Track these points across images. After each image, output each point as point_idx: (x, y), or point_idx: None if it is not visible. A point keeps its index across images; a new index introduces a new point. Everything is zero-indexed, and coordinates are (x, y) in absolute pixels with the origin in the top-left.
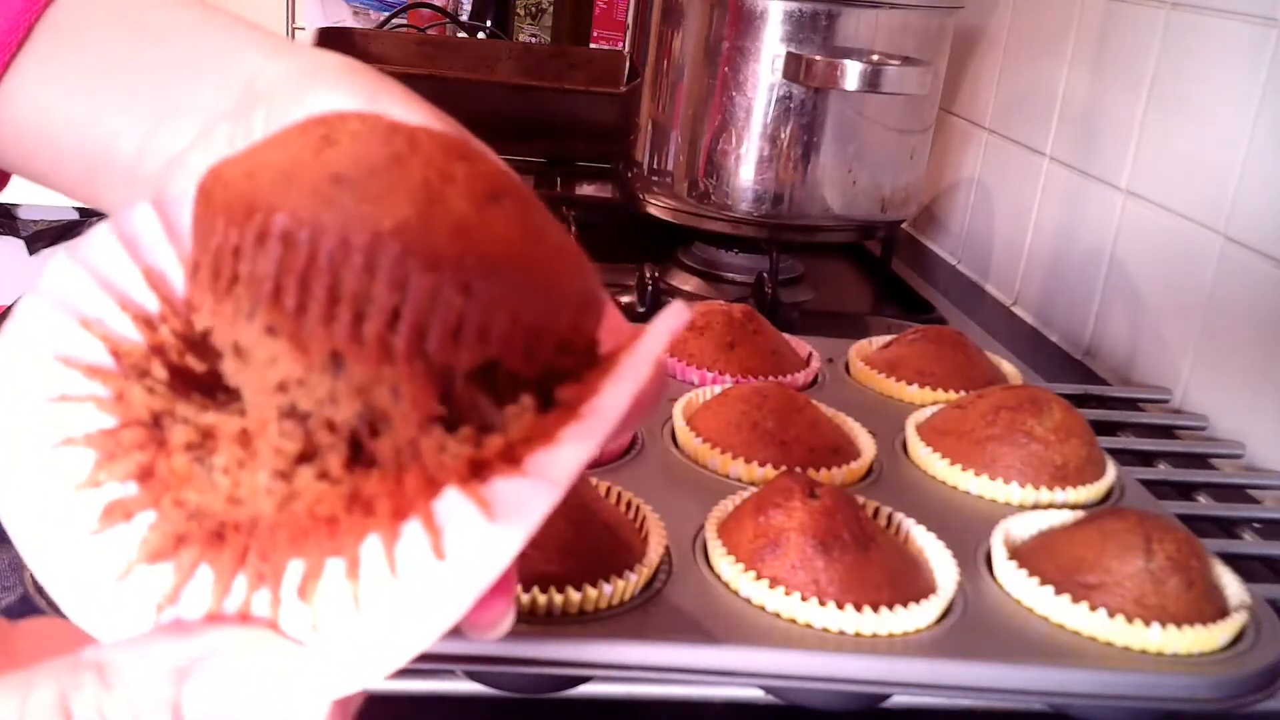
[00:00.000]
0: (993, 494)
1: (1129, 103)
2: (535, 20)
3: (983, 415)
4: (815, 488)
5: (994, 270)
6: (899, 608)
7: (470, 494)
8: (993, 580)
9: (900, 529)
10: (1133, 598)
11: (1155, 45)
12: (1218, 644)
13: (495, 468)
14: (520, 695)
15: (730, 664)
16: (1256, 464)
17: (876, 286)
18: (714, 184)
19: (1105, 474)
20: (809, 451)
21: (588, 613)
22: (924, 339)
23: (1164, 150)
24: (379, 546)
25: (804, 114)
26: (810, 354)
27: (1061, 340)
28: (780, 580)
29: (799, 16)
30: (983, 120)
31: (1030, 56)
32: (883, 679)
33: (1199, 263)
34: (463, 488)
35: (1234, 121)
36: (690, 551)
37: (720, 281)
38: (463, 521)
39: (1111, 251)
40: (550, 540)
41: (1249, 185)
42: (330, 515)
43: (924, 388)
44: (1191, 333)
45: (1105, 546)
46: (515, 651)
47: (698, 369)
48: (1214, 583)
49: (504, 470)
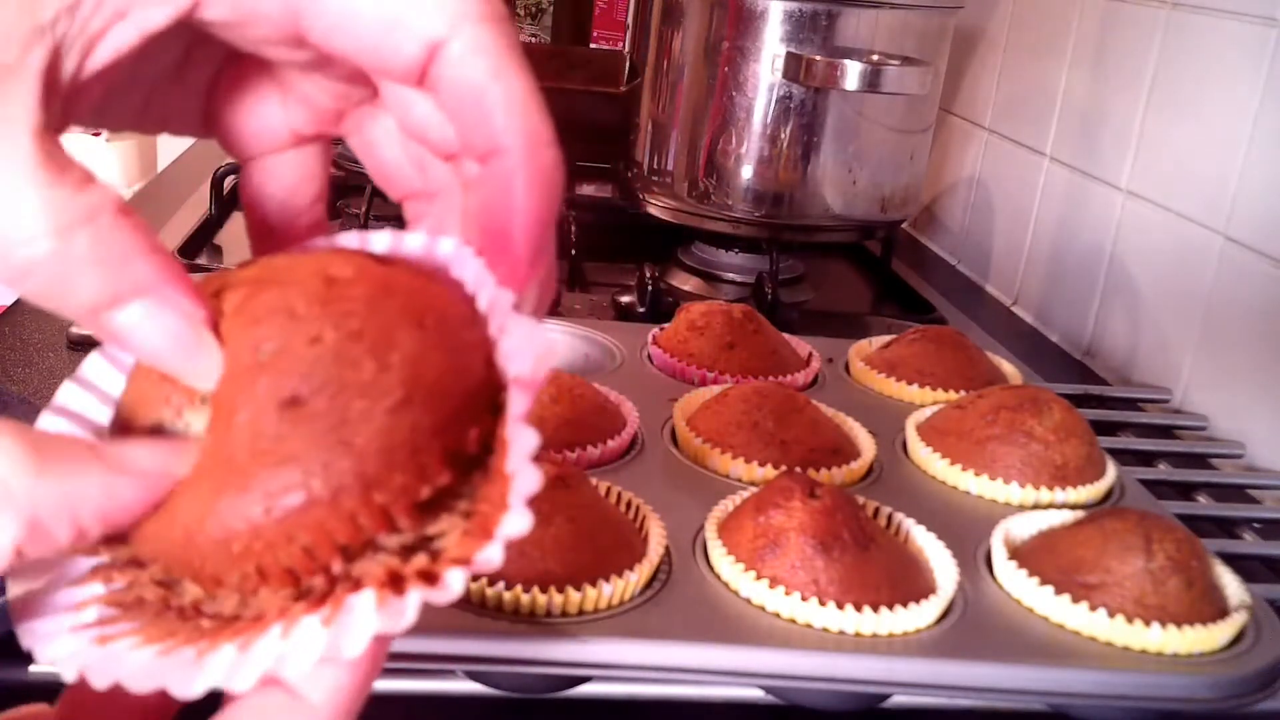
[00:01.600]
0: (993, 494)
1: (1129, 103)
2: (535, 20)
3: (983, 415)
4: (815, 488)
5: (994, 270)
6: (899, 608)
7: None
8: (993, 580)
9: (900, 529)
10: (1133, 598)
11: (1155, 45)
12: (1218, 644)
13: (411, 581)
14: (520, 695)
15: (730, 664)
16: (1256, 464)
17: (876, 286)
18: (714, 184)
19: (1105, 474)
20: (809, 451)
21: (588, 613)
22: (924, 339)
23: (1164, 150)
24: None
25: (804, 114)
26: (810, 354)
27: (1061, 340)
28: (780, 580)
29: (799, 16)
30: (983, 120)
31: (1030, 56)
32: (883, 679)
33: (1199, 263)
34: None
35: (1234, 121)
36: (690, 551)
37: (720, 281)
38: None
39: (1111, 251)
40: (550, 540)
41: (1249, 185)
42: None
43: (924, 388)
44: (1191, 333)
45: (1105, 546)
46: (515, 651)
47: (698, 369)
48: (1214, 583)
49: (419, 584)
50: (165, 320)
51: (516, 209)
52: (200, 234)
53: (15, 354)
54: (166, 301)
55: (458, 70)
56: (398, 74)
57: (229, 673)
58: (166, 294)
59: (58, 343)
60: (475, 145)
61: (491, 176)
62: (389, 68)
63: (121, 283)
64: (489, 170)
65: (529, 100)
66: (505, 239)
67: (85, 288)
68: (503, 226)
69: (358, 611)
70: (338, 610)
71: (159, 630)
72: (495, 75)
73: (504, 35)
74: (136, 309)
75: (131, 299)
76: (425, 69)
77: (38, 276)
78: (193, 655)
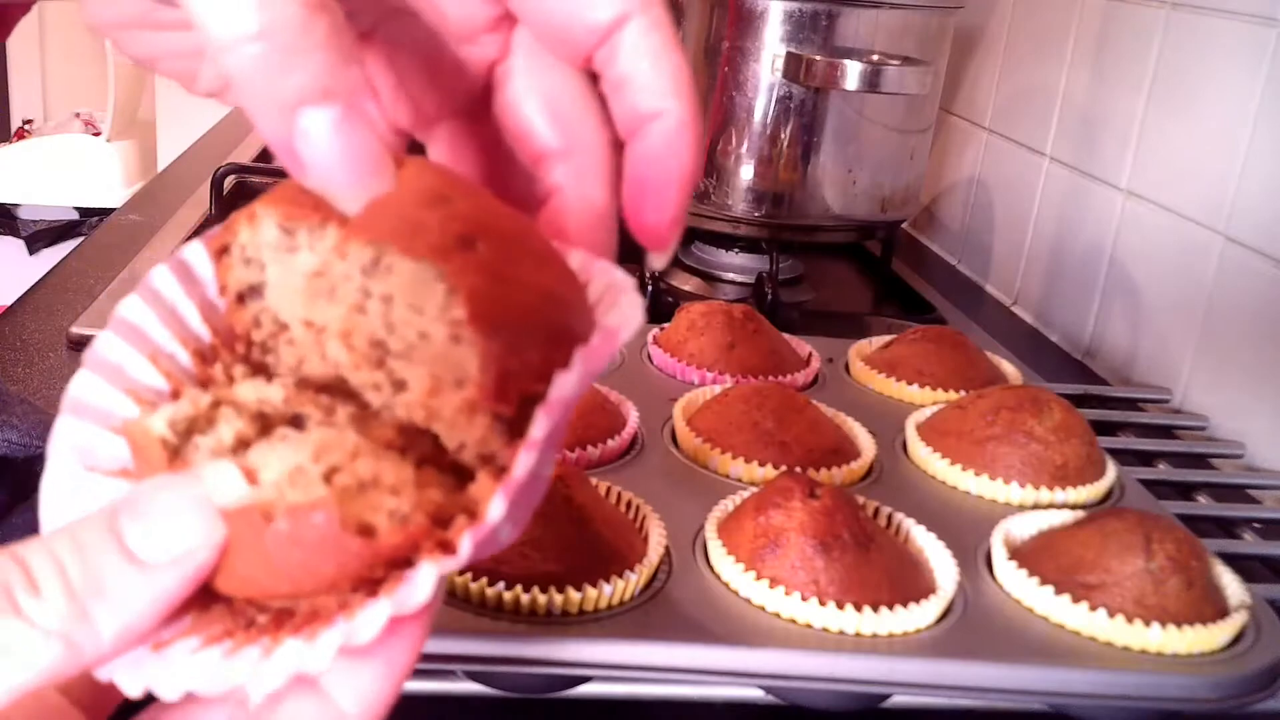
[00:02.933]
0: (993, 494)
1: (1129, 103)
2: None
3: (983, 415)
4: (815, 488)
5: (994, 270)
6: (899, 608)
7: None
8: (993, 580)
9: (900, 529)
10: (1133, 598)
11: (1155, 45)
12: (1218, 644)
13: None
14: (520, 695)
15: (730, 664)
16: (1256, 464)
17: (876, 286)
18: (714, 184)
19: (1105, 474)
20: (809, 451)
21: (588, 613)
22: (924, 339)
23: (1164, 150)
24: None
25: (804, 114)
26: (810, 354)
27: (1061, 340)
28: (780, 580)
29: (799, 16)
30: (983, 120)
31: (1030, 56)
32: (883, 679)
33: (1199, 263)
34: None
35: (1234, 121)
36: (690, 551)
37: (720, 281)
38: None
39: (1111, 251)
40: (550, 540)
41: (1249, 185)
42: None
43: (924, 388)
44: (1191, 333)
45: (1105, 546)
46: (515, 651)
47: (698, 369)
48: (1214, 583)
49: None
50: (352, 129)
51: (680, 166)
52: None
53: (15, 354)
54: (356, 111)
55: (642, 39)
56: (581, 41)
57: (299, 664)
58: (358, 102)
59: (58, 343)
60: (639, 112)
61: (656, 135)
62: (575, 36)
63: (317, 83)
64: (653, 130)
65: (689, 72)
66: (664, 194)
67: (284, 86)
68: (664, 181)
69: (419, 579)
70: (397, 585)
71: (213, 627)
72: (670, 48)
73: (668, 16)
74: (324, 115)
75: (322, 101)
76: (606, 38)
77: (244, 72)
78: (259, 654)
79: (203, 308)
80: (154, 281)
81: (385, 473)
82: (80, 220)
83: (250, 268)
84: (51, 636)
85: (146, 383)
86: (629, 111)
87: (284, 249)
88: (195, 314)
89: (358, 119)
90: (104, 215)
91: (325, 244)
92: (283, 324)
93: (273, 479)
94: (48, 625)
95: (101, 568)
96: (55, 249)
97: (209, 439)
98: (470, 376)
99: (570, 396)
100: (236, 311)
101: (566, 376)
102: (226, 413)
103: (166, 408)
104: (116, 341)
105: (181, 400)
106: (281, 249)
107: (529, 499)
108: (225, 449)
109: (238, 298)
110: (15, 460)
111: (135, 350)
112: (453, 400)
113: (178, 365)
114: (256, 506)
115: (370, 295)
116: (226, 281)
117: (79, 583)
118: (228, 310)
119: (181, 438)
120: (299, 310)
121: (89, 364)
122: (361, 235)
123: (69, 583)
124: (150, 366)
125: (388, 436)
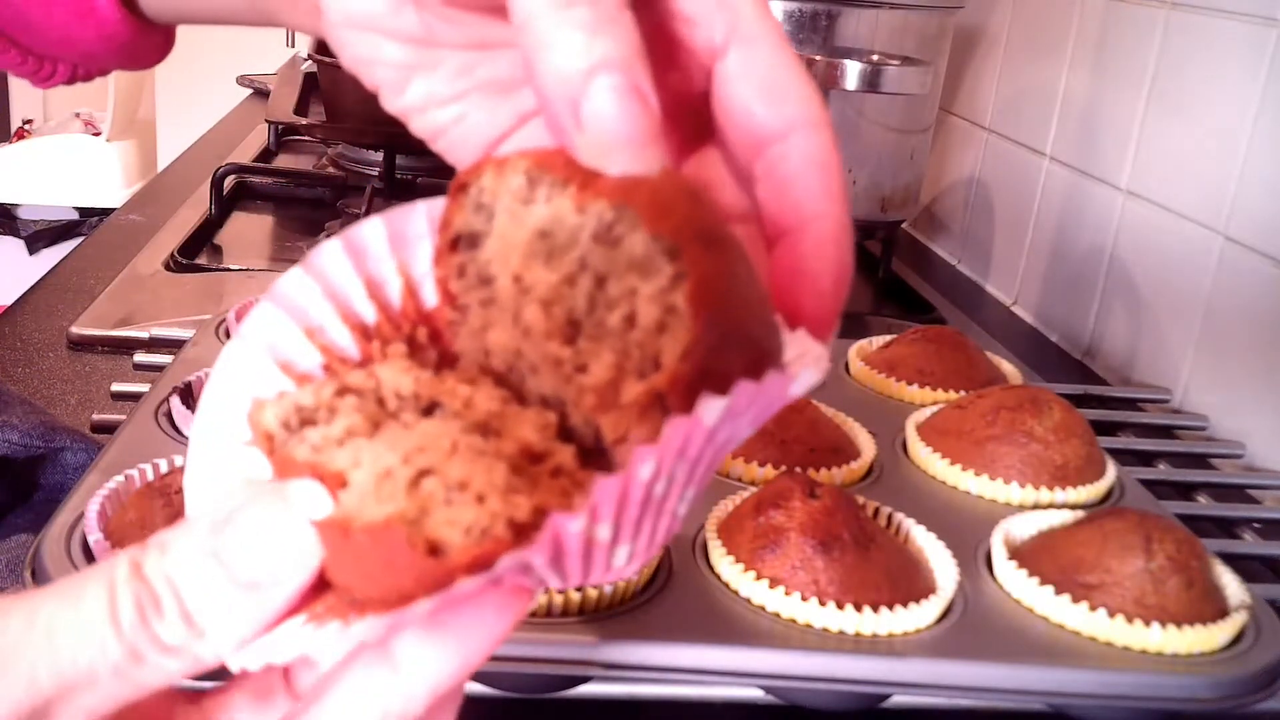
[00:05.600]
0: (993, 494)
1: (1129, 103)
2: None
3: (983, 415)
4: (815, 488)
5: (994, 270)
6: (899, 608)
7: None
8: (993, 580)
9: (900, 529)
10: (1133, 598)
11: (1155, 45)
12: (1218, 644)
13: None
14: (520, 695)
15: (730, 664)
16: (1256, 464)
17: (876, 286)
18: None
19: (1105, 474)
20: (809, 451)
21: (588, 612)
22: (924, 339)
23: (1164, 150)
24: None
25: None
26: None
27: (1061, 340)
28: (780, 580)
29: (799, 16)
30: (983, 120)
31: (1030, 56)
32: (883, 679)
33: (1199, 263)
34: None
35: (1234, 121)
36: (690, 551)
37: None
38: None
39: (1111, 251)
40: None
41: (1249, 185)
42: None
43: (924, 388)
44: (1191, 333)
45: (1105, 546)
46: (515, 651)
47: None
48: (1214, 583)
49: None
50: (639, 100)
51: (843, 262)
52: (200, 234)
53: (15, 354)
54: (638, 83)
55: (811, 148)
56: (760, 140)
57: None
58: (638, 76)
59: (58, 343)
60: (802, 213)
61: (822, 232)
62: (756, 137)
63: (617, 53)
64: (815, 229)
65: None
66: (824, 285)
67: (592, 47)
68: (827, 275)
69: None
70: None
71: (315, 606)
72: (834, 152)
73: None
74: (618, 80)
75: (604, 72)
76: (781, 139)
77: (556, 25)
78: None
79: (369, 285)
80: (320, 257)
81: (477, 476)
82: (80, 220)
83: (479, 214)
84: (175, 651)
85: (298, 358)
86: (791, 208)
87: (521, 199)
88: (361, 290)
89: (646, 93)
90: (104, 215)
91: (564, 201)
92: (488, 278)
93: (361, 482)
94: (173, 642)
95: (211, 592)
96: (55, 249)
97: (316, 433)
98: (665, 364)
99: (717, 427)
100: (446, 258)
101: (716, 402)
102: (347, 403)
103: (287, 397)
104: (276, 313)
105: (303, 389)
106: (519, 199)
107: (650, 524)
108: (332, 441)
109: (451, 244)
110: (15, 460)
111: (293, 323)
112: (632, 390)
113: (332, 341)
114: (337, 521)
115: (586, 269)
116: (453, 220)
117: (193, 605)
118: (437, 255)
119: (291, 430)
120: (513, 264)
121: (309, 269)
122: (609, 196)
123: (185, 609)
124: (306, 341)
125: (514, 431)
